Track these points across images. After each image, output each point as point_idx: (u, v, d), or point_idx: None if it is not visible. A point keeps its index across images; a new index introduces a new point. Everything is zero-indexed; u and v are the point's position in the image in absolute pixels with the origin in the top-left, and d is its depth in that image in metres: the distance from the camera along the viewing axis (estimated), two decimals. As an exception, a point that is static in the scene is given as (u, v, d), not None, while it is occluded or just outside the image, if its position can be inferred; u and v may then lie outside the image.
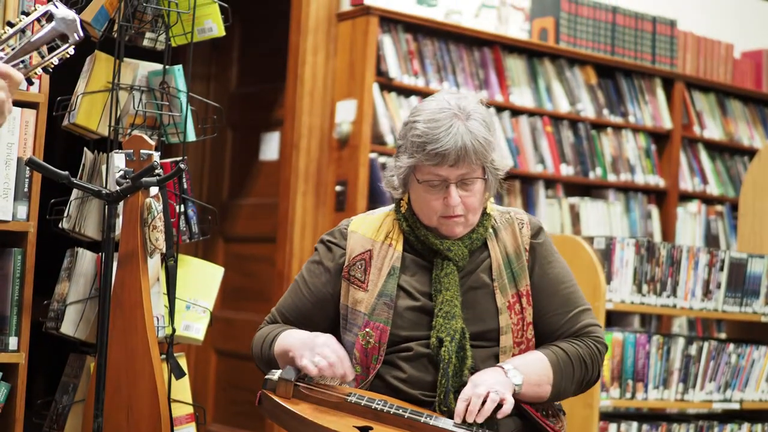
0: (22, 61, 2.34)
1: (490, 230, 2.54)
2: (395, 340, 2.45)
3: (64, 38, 2.39)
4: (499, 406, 2.30)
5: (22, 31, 2.34)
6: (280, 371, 2.36)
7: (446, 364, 2.38)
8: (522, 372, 2.38)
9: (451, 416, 2.34)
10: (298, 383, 2.35)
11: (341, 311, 2.53)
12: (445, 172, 2.41)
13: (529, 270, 2.53)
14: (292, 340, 2.45)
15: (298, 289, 2.59)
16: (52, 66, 2.42)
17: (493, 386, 2.31)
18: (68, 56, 2.43)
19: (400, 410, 2.30)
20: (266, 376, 2.37)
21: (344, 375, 2.37)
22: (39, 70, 2.39)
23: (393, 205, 2.60)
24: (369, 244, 2.53)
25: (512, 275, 2.51)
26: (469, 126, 2.39)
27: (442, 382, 2.38)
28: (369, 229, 2.56)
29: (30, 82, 2.73)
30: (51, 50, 2.40)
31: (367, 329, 2.45)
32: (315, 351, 2.36)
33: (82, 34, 2.42)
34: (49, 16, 2.37)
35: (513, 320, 2.48)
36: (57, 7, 2.38)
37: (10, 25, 2.32)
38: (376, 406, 2.31)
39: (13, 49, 2.33)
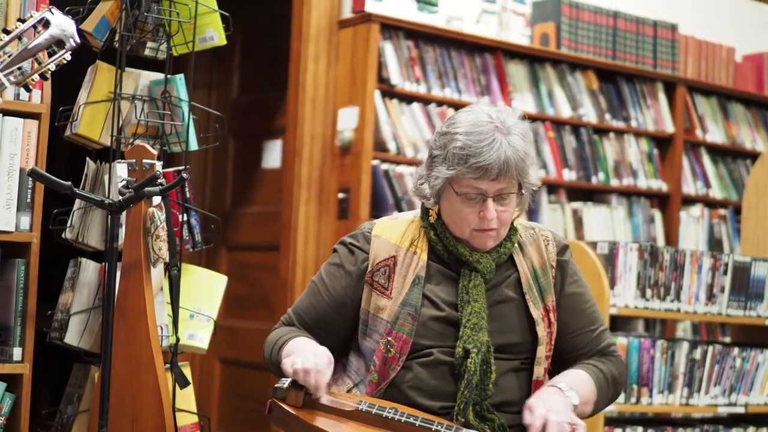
0: (20, 68, 2.35)
1: (516, 245, 2.53)
2: (416, 349, 2.43)
3: (60, 44, 2.39)
4: None
5: (19, 37, 2.35)
6: (290, 379, 2.34)
7: (471, 376, 2.37)
8: (577, 392, 2.38)
9: (466, 426, 2.33)
10: (308, 392, 2.34)
11: (362, 316, 2.50)
12: (485, 185, 2.38)
13: (557, 287, 2.53)
14: (296, 347, 2.41)
15: (316, 291, 2.55)
16: (49, 72, 2.42)
17: (561, 413, 2.28)
18: (65, 62, 2.43)
19: (411, 418, 2.29)
20: (276, 385, 2.36)
21: (316, 387, 2.30)
22: (36, 77, 2.40)
23: (418, 211, 2.57)
24: (393, 250, 2.49)
25: (540, 290, 2.50)
26: (510, 141, 2.37)
27: (464, 393, 2.37)
28: (393, 234, 2.52)
29: (27, 89, 2.74)
30: (49, 56, 2.40)
31: (389, 338, 2.42)
32: (300, 354, 2.33)
33: (78, 39, 2.42)
34: (45, 23, 2.37)
35: (543, 333, 2.48)
36: (53, 13, 2.38)
37: (6, 32, 2.33)
38: (387, 414, 2.29)
39: (10, 56, 2.34)
